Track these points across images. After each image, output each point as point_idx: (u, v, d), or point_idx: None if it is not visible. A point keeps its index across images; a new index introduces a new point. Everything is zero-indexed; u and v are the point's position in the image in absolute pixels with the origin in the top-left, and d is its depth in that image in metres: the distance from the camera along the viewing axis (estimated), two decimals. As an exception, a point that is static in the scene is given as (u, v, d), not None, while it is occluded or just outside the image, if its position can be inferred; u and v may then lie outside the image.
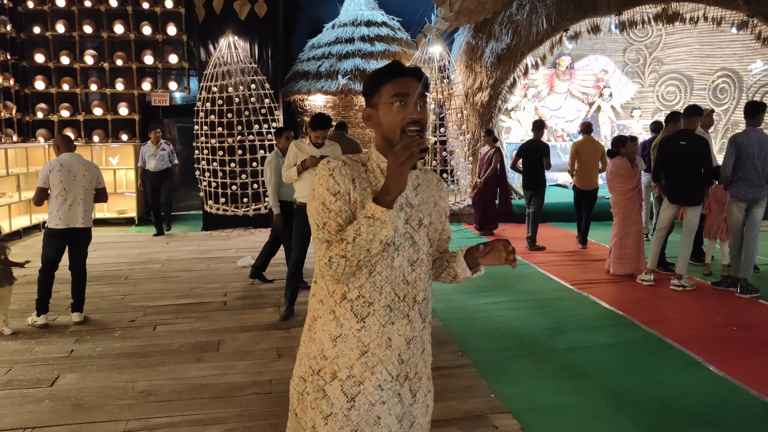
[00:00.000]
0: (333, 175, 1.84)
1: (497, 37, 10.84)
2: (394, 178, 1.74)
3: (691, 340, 5.05)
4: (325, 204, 1.82)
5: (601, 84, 14.44)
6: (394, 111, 1.86)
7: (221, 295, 6.55)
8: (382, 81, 1.89)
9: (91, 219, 5.78)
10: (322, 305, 1.92)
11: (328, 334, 1.88)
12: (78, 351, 4.94)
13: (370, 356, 1.86)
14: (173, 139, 14.89)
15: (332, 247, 1.78)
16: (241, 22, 10.74)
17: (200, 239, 9.96)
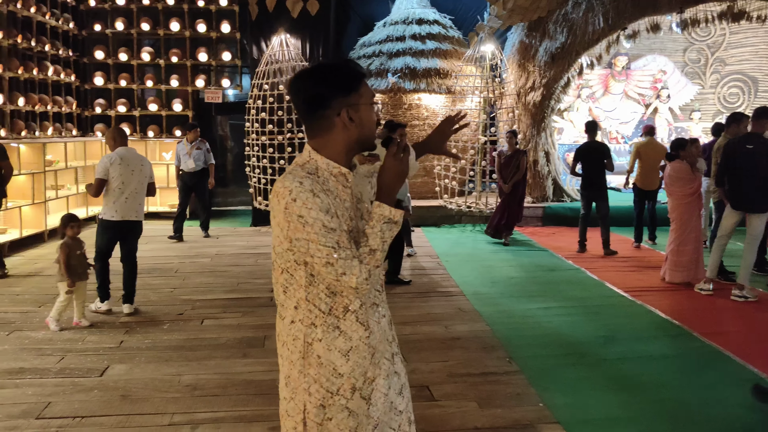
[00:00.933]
0: (315, 193, 1.77)
1: (551, 35, 10.60)
2: (399, 178, 1.84)
3: (754, 354, 4.80)
4: (326, 225, 1.76)
5: (658, 85, 13.98)
6: (372, 111, 1.90)
7: (268, 291, 6.57)
8: (361, 80, 1.89)
9: (143, 213, 5.90)
10: (316, 328, 1.86)
11: (338, 351, 1.86)
12: (127, 342, 5.02)
13: (377, 354, 1.91)
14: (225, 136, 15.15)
15: (367, 261, 1.79)
16: (293, 20, 10.77)
17: (249, 235, 10.06)
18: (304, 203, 1.76)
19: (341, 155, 1.92)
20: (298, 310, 1.88)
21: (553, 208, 10.98)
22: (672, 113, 14.12)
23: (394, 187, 1.87)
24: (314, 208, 1.76)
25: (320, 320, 1.86)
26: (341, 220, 1.82)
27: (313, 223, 1.75)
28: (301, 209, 1.76)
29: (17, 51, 9.42)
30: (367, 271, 1.78)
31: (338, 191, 1.88)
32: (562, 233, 10.22)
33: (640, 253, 8.74)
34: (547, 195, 11.31)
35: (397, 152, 1.85)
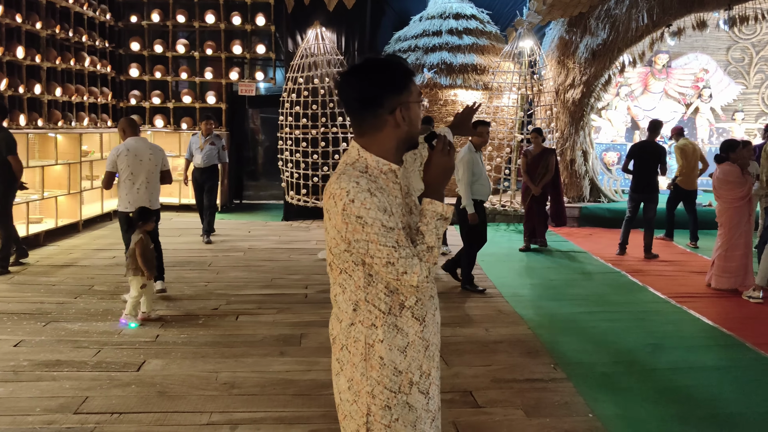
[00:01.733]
0: (372, 193, 1.76)
1: (593, 31, 10.34)
2: (447, 173, 1.85)
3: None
4: (385, 225, 1.75)
5: (700, 84, 13.58)
6: (418, 110, 1.90)
7: (303, 288, 6.49)
8: (410, 77, 1.88)
9: (158, 200, 5.98)
10: (377, 329, 1.86)
11: (397, 349, 1.87)
12: (163, 336, 4.96)
13: (431, 347, 1.94)
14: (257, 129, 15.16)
15: (426, 258, 1.80)
16: (329, 13, 10.69)
17: (281, 229, 10.00)
18: (363, 203, 1.74)
19: (390, 152, 1.90)
20: (357, 312, 1.87)
21: (590, 209, 10.73)
22: (714, 113, 13.71)
23: (443, 183, 1.88)
24: (372, 207, 1.74)
25: (380, 320, 1.85)
26: (397, 218, 1.81)
27: (372, 223, 1.74)
28: (360, 210, 1.74)
29: (55, 41, 9.47)
30: (427, 268, 1.79)
31: (389, 188, 1.87)
32: (600, 234, 9.98)
33: (683, 257, 8.47)
34: (584, 195, 11.06)
35: (444, 148, 1.85)
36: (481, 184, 6.32)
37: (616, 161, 12.63)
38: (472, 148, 6.34)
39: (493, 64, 11.03)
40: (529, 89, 10.59)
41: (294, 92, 10.35)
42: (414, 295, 1.87)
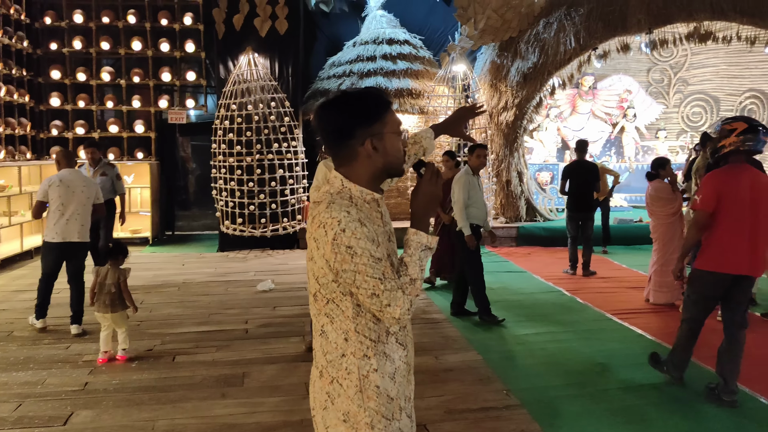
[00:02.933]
0: (363, 222, 1.76)
1: (523, 55, 10.56)
2: (434, 203, 1.85)
3: (754, 378, 4.66)
4: (373, 256, 1.74)
5: (624, 104, 14.14)
6: (398, 140, 1.89)
7: (242, 323, 6.21)
8: (386, 108, 1.87)
9: (88, 234, 5.86)
10: (370, 359, 1.84)
11: (388, 377, 1.86)
12: (93, 384, 4.60)
13: (411, 370, 1.97)
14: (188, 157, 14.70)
15: (409, 291, 1.78)
16: (261, 39, 10.53)
17: (217, 261, 9.64)
18: (353, 233, 1.73)
19: (369, 183, 1.90)
20: (348, 343, 1.84)
21: (527, 228, 10.86)
22: (639, 132, 14.27)
23: (429, 213, 1.88)
24: (363, 238, 1.74)
25: (372, 350, 1.84)
26: (383, 248, 1.80)
27: (362, 253, 1.73)
28: (351, 240, 1.73)
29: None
30: (410, 301, 1.78)
31: (373, 217, 1.86)
32: (538, 253, 10.10)
33: (618, 273, 8.64)
34: (521, 215, 11.20)
35: (432, 177, 1.85)
36: (477, 207, 6.15)
37: (549, 181, 12.90)
38: (469, 171, 6.22)
39: (427, 89, 11.10)
40: (463, 112, 10.69)
41: (227, 119, 10.09)
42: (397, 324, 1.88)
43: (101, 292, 5.04)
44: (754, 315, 6.46)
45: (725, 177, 4.20)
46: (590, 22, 10.10)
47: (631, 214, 12.14)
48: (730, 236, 4.15)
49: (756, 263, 4.16)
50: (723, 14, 9.73)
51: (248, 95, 10.15)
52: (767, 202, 4.13)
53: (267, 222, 10.20)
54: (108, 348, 5.09)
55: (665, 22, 9.93)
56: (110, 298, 5.02)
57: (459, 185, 6.05)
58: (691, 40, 10.41)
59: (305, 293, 7.32)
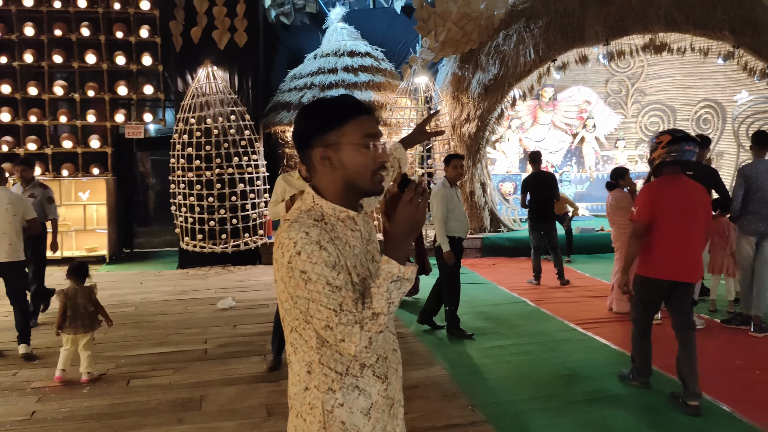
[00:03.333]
0: (322, 245, 1.59)
1: (484, 67, 10.62)
2: (413, 229, 1.61)
3: (715, 386, 4.67)
4: (330, 283, 1.58)
5: (584, 115, 14.33)
6: (363, 153, 1.69)
7: (201, 342, 6.02)
8: (348, 117, 1.71)
9: (19, 252, 5.67)
10: (335, 393, 1.69)
11: (360, 412, 1.70)
12: (41, 413, 4.37)
13: (395, 405, 1.80)
14: (147, 172, 14.39)
15: (368, 327, 1.58)
16: (220, 52, 10.37)
17: (176, 278, 9.39)
18: (309, 257, 1.58)
19: (339, 198, 1.74)
20: (312, 375, 1.70)
21: (491, 239, 10.88)
22: (598, 142, 14.47)
23: (407, 239, 1.64)
24: (319, 262, 1.58)
25: (338, 383, 1.68)
26: (350, 273, 1.65)
27: (316, 280, 1.58)
28: (305, 264, 1.58)
29: None
30: (368, 338, 1.57)
31: (347, 237, 1.71)
32: (502, 264, 10.11)
33: (582, 281, 8.68)
34: (485, 226, 11.22)
35: (414, 198, 1.61)
36: (457, 220, 6.01)
37: (513, 191, 12.98)
38: (446, 183, 6.07)
39: (390, 101, 11.07)
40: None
41: (186, 133, 9.89)
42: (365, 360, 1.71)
43: (76, 314, 4.90)
44: (713, 321, 6.54)
45: (659, 188, 4.40)
46: (549, 34, 10.22)
47: (592, 223, 12.26)
48: (666, 244, 4.33)
49: (691, 269, 4.35)
50: (677, 26, 9.95)
51: (207, 108, 9.97)
52: (699, 210, 4.33)
53: (228, 237, 10.00)
54: (67, 366, 4.95)
55: (622, 34, 10.11)
56: (89, 318, 4.96)
57: (437, 199, 5.93)
58: (647, 52, 10.63)
59: (267, 310, 7.16)
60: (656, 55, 10.82)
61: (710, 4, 10.13)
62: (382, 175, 1.75)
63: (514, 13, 10.70)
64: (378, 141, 1.73)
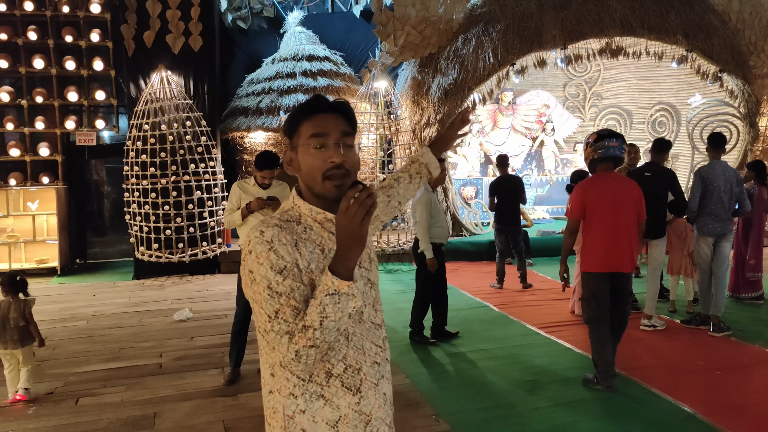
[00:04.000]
0: (273, 247, 1.54)
1: (443, 71, 10.60)
2: (352, 243, 1.49)
3: (679, 389, 4.67)
4: (271, 287, 1.53)
5: (543, 119, 14.45)
6: (312, 154, 1.62)
7: (156, 356, 5.79)
8: (301, 119, 1.66)
9: None
10: (297, 398, 1.61)
11: (325, 423, 1.61)
12: (-19, 437, 4.12)
13: (374, 422, 1.68)
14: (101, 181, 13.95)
15: (297, 339, 1.50)
16: (175, 56, 10.11)
17: (131, 289, 9.09)
18: (257, 257, 1.55)
19: (316, 200, 1.68)
20: (275, 378, 1.65)
21: (453, 243, 10.82)
22: (557, 146, 14.60)
23: (348, 253, 1.51)
24: (265, 264, 1.54)
25: (300, 389, 1.61)
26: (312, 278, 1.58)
27: (260, 281, 1.54)
28: (253, 264, 1.56)
29: None
30: (294, 351, 1.49)
31: (323, 240, 1.65)
32: (465, 268, 10.07)
33: (543, 284, 8.69)
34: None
35: (347, 209, 1.47)
36: (440, 225, 5.92)
37: (474, 195, 12.99)
38: (428, 187, 5.91)
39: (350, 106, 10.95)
40: (387, 129, 10.61)
41: (140, 140, 9.60)
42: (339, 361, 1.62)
43: (5, 327, 4.66)
44: (673, 322, 6.59)
45: (589, 186, 4.70)
46: (507, 38, 10.26)
47: (553, 225, 12.35)
48: (599, 239, 4.61)
49: (623, 260, 4.59)
50: (632, 30, 10.10)
51: (162, 114, 9.70)
52: (628, 204, 4.60)
53: (185, 246, 9.73)
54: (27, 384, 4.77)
55: (579, 38, 10.21)
56: (18, 333, 4.69)
57: (420, 205, 5.82)
58: (603, 55, 10.75)
59: (225, 321, 6.96)
60: (612, 59, 10.95)
61: (664, 9, 10.33)
62: (338, 179, 1.62)
63: (472, 17, 10.72)
64: (328, 140, 1.62)
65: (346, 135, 1.64)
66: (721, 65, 10.69)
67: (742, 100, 11.17)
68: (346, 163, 1.62)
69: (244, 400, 4.65)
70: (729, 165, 6.26)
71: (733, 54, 10.86)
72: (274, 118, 10.77)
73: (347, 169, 1.63)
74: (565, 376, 5.04)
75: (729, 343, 5.85)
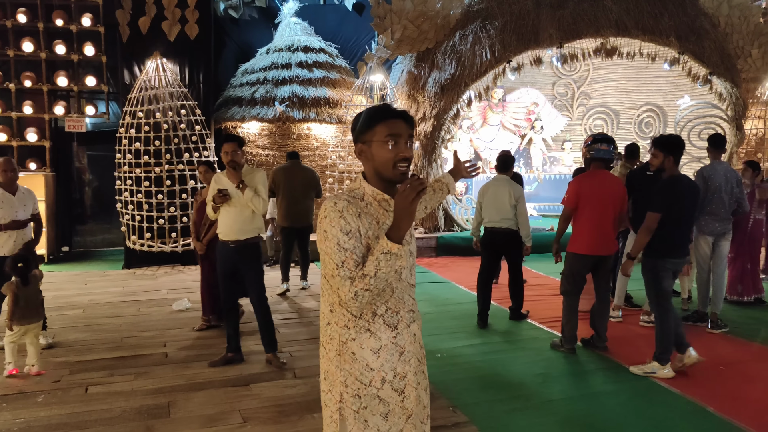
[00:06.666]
0: (343, 215, 2.01)
1: (440, 67, 10.61)
2: (404, 216, 1.94)
3: (687, 383, 4.77)
4: (340, 244, 1.99)
5: (532, 116, 14.57)
6: (387, 149, 2.06)
7: (160, 346, 5.73)
8: (377, 120, 2.09)
9: None
10: (350, 330, 2.09)
11: (369, 349, 2.09)
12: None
13: (407, 353, 2.15)
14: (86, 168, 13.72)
15: (356, 283, 1.97)
16: (170, 44, 9.97)
17: (123, 279, 8.96)
18: (331, 221, 2.02)
19: (378, 184, 2.14)
20: (333, 314, 2.13)
21: (446, 238, 10.89)
22: (545, 143, 14.74)
23: (400, 224, 1.97)
24: (336, 226, 2.00)
25: (352, 323, 2.09)
26: (369, 241, 2.04)
27: (331, 238, 2.01)
28: (327, 225, 2.03)
29: None
30: (354, 291, 1.97)
31: (379, 215, 2.10)
32: (458, 263, 10.13)
33: (539, 280, 8.79)
34: (439, 225, 11.23)
35: (404, 191, 1.93)
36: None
37: (465, 191, 13.05)
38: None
39: (345, 98, 10.92)
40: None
41: (133, 127, 9.46)
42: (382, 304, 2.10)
43: (30, 303, 4.94)
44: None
45: (584, 180, 5.46)
46: (504, 35, 10.31)
47: (542, 222, 12.47)
48: (588, 226, 5.36)
49: (607, 245, 5.41)
50: (627, 31, 10.22)
51: (156, 102, 9.56)
52: (613, 199, 5.33)
53: (178, 236, 9.62)
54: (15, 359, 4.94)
55: (575, 37, 10.31)
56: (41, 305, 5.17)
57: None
58: (598, 55, 10.86)
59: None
60: (607, 58, 11.07)
61: (657, 11, 10.48)
62: (404, 167, 2.08)
63: (470, 13, 10.75)
64: (400, 139, 2.07)
65: (410, 137, 2.11)
66: (711, 68, 10.89)
67: (729, 103, 11.39)
68: (410, 156, 2.10)
69: (257, 391, 4.62)
70: (730, 166, 6.39)
71: (723, 57, 11.06)
72: (269, 109, 10.68)
73: (410, 160, 2.10)
74: (574, 371, 5.10)
75: (728, 340, 5.98)
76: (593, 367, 5.19)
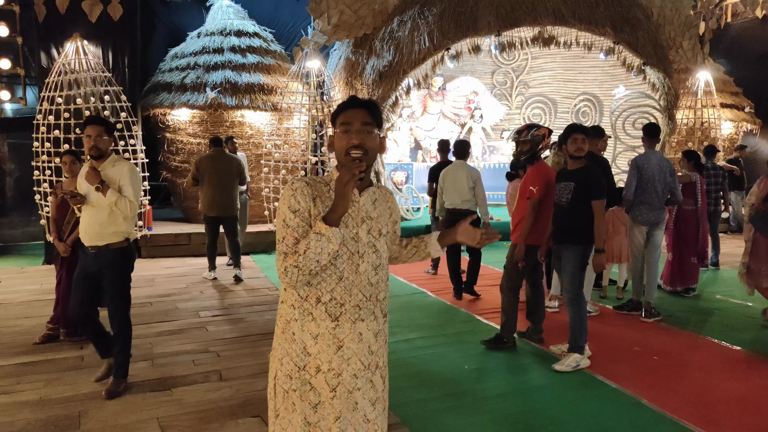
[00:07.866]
0: (295, 195, 2.10)
1: (378, 53, 10.39)
2: (338, 198, 2.02)
3: (623, 375, 4.74)
4: (285, 221, 2.09)
5: (472, 105, 14.53)
6: (341, 137, 2.15)
7: (77, 349, 5.34)
8: (338, 112, 2.20)
9: None
10: (294, 309, 2.15)
11: (309, 333, 2.13)
12: None
13: (345, 350, 2.12)
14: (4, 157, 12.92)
15: (287, 258, 2.05)
16: (92, 25, 9.41)
17: (42, 275, 8.43)
18: (284, 199, 2.13)
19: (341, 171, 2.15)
20: (286, 293, 2.20)
21: (385, 229, 10.70)
22: (485, 132, 14.74)
23: (336, 207, 2.03)
24: (286, 204, 2.11)
25: (298, 303, 2.15)
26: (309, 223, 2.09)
27: (280, 215, 2.12)
28: (280, 202, 2.14)
29: None
30: (284, 266, 2.05)
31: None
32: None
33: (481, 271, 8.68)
34: (379, 215, 11.04)
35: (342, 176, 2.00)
36: None
37: (404, 180, 12.91)
38: None
39: (280, 84, 10.58)
40: (319, 111, 10.31)
41: (52, 114, 8.88)
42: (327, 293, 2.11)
43: None
44: (605, 308, 6.74)
45: (541, 170, 5.33)
46: (443, 22, 10.17)
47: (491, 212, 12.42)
48: (548, 215, 5.26)
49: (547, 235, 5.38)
50: (564, 20, 10.24)
51: (77, 87, 9.00)
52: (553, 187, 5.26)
53: (103, 229, 9.10)
54: None
55: (513, 26, 10.26)
56: None
57: None
58: (536, 44, 10.85)
59: (150, 309, 6.55)
60: (545, 47, 11.08)
61: (593, 1, 10.54)
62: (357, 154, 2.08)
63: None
64: (351, 127, 2.10)
65: (365, 124, 2.12)
66: (645, 58, 11.05)
67: (662, 93, 11.60)
68: (364, 144, 2.10)
69: (178, 395, 4.34)
70: (663, 156, 6.42)
71: (656, 48, 11.24)
72: (200, 95, 10.23)
73: (365, 148, 2.10)
74: (510, 365, 5.01)
75: (661, 329, 6.03)
76: (528, 361, 5.12)
